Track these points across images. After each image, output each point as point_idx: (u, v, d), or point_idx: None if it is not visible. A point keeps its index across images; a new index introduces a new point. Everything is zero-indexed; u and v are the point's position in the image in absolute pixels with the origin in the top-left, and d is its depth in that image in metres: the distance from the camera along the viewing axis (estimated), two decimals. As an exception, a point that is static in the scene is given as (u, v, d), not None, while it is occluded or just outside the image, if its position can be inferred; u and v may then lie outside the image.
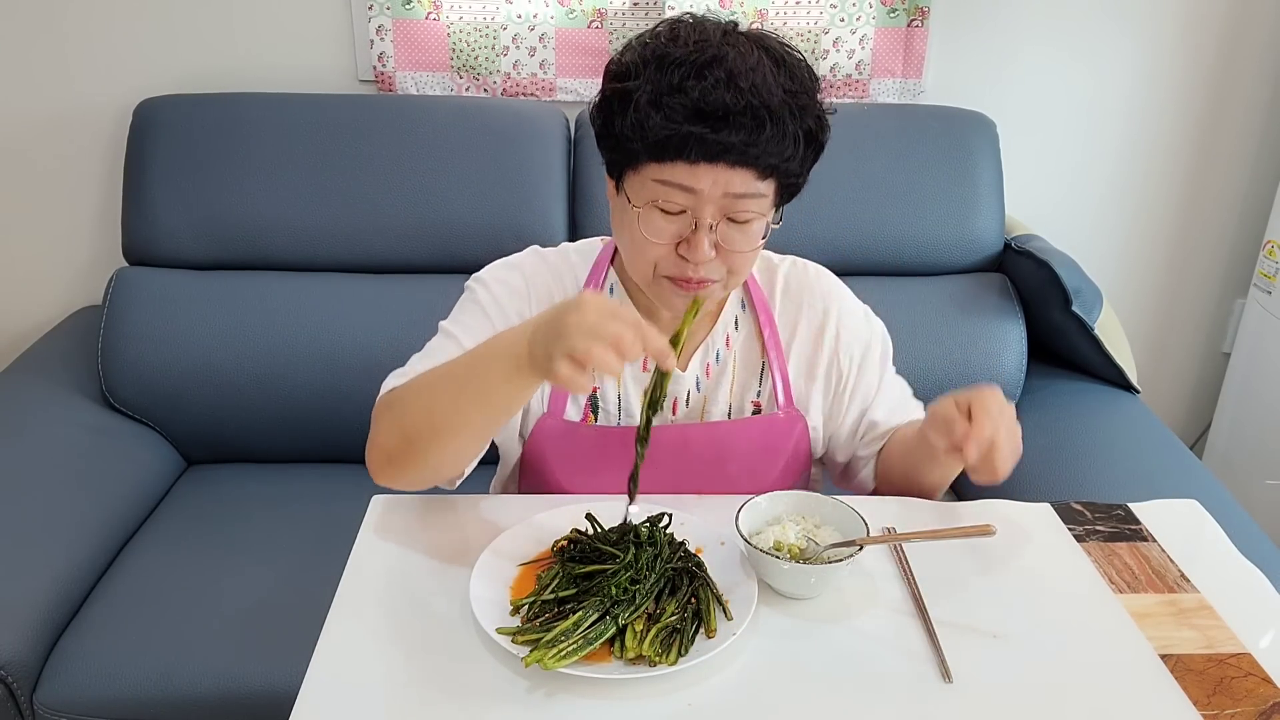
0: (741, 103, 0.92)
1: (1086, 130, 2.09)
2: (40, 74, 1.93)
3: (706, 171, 0.95)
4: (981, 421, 0.96)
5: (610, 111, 0.99)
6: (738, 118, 0.92)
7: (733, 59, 0.94)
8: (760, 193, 0.98)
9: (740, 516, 0.96)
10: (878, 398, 1.18)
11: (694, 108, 0.92)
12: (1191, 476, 1.54)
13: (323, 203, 1.79)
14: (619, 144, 0.99)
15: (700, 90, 0.92)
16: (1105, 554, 1.03)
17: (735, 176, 0.95)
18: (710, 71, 0.93)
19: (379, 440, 1.03)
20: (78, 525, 1.50)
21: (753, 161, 0.95)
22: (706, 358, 1.15)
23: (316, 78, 1.96)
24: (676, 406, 1.15)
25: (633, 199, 1.00)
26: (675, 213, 0.98)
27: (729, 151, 0.94)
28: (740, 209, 0.97)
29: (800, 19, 1.96)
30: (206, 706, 1.32)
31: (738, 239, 1.00)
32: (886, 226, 1.83)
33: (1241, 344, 2.18)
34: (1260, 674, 0.87)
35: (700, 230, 0.97)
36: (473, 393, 0.96)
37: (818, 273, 1.20)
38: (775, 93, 0.94)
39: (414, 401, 1.00)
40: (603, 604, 0.87)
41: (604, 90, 1.01)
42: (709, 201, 0.96)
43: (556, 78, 1.98)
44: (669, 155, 0.95)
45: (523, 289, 1.13)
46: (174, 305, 1.75)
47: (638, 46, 0.99)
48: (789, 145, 0.96)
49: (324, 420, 1.75)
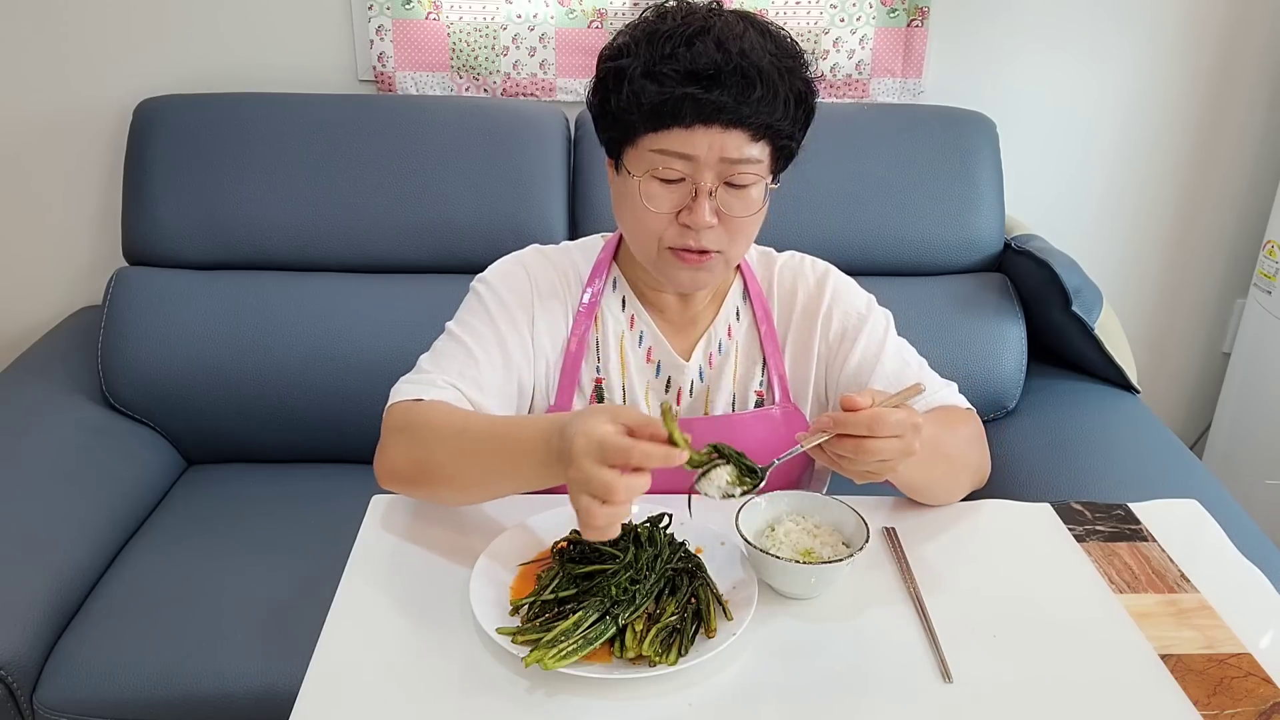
0: (731, 63, 0.96)
1: (1086, 130, 2.09)
2: (40, 74, 1.93)
3: (702, 135, 0.98)
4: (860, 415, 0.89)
5: (606, 90, 1.03)
6: (729, 77, 0.96)
7: (720, 28, 0.98)
8: (755, 157, 1.00)
9: (740, 516, 0.96)
10: (874, 374, 1.13)
11: (686, 70, 0.96)
12: (1191, 476, 1.54)
13: (323, 203, 1.79)
14: (616, 120, 1.02)
15: (691, 55, 0.96)
16: (1105, 554, 1.03)
17: (730, 140, 0.98)
18: (699, 39, 0.97)
19: (392, 457, 1.04)
20: (78, 525, 1.50)
21: (745, 121, 0.98)
22: (709, 347, 1.17)
23: (316, 78, 1.96)
24: (681, 396, 1.17)
25: (633, 171, 1.03)
26: (674, 180, 1.01)
27: (722, 111, 0.97)
28: (737, 173, 1.00)
29: (800, 19, 1.96)
30: (206, 706, 1.32)
31: (736, 204, 1.02)
32: (886, 226, 1.83)
33: (1241, 344, 2.18)
34: (1260, 674, 0.87)
35: (700, 196, 1.00)
36: (504, 473, 0.97)
37: (814, 262, 1.21)
38: (763, 56, 0.98)
39: (436, 445, 1.00)
40: (603, 604, 0.87)
41: (598, 72, 1.05)
42: (706, 167, 0.99)
43: (556, 78, 1.98)
44: (665, 121, 0.98)
45: (526, 285, 1.14)
46: (174, 305, 1.75)
47: (628, 30, 1.03)
48: (779, 105, 0.99)
49: (324, 420, 1.76)
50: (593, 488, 0.80)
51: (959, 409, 1.15)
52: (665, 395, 1.17)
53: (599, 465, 0.80)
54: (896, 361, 1.15)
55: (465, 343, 1.10)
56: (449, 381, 1.07)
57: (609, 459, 0.80)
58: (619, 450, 0.80)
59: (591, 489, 0.80)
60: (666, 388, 1.16)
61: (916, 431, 0.91)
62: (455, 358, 1.09)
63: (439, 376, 1.07)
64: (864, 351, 1.14)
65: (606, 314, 1.16)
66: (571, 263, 1.18)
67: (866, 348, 1.14)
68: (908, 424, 0.90)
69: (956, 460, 1.09)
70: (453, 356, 1.10)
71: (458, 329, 1.12)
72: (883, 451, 0.89)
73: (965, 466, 1.11)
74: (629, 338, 1.16)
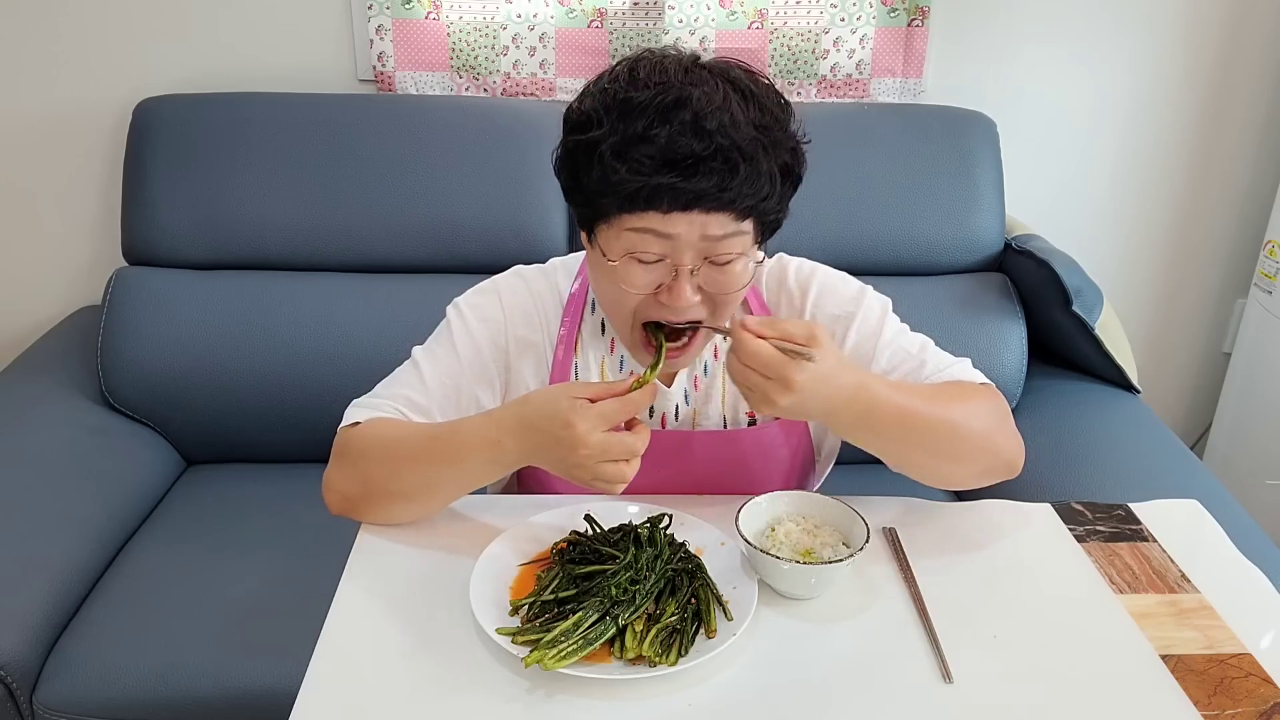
0: (711, 147, 0.88)
1: (1086, 130, 2.09)
2: (40, 74, 1.93)
3: (681, 218, 0.91)
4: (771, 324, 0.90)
5: (575, 165, 0.95)
6: (708, 163, 0.88)
7: (697, 99, 0.89)
8: (740, 231, 0.94)
9: (740, 516, 0.96)
10: (872, 366, 1.09)
11: (662, 157, 0.89)
12: (1192, 476, 1.54)
13: (323, 203, 1.79)
14: (588, 199, 0.95)
15: (667, 137, 0.88)
16: (1106, 554, 1.03)
17: (712, 220, 0.92)
18: (675, 115, 0.89)
19: (337, 483, 1.05)
20: (78, 525, 1.50)
21: (729, 205, 0.91)
22: (694, 371, 1.13)
23: (316, 77, 1.96)
24: (665, 421, 1.14)
25: (608, 253, 0.96)
26: (653, 261, 0.95)
27: (703, 198, 0.90)
28: (720, 250, 0.94)
29: (800, 19, 1.95)
30: (206, 706, 1.32)
31: (721, 281, 0.96)
32: (886, 226, 1.83)
33: (1242, 344, 2.18)
34: (1261, 674, 0.87)
35: (681, 276, 0.94)
36: (452, 474, 1.00)
37: (798, 265, 1.15)
38: (745, 130, 0.90)
39: (381, 462, 1.02)
40: (603, 604, 0.87)
41: (565, 143, 0.97)
42: (687, 247, 0.93)
43: (556, 78, 1.98)
44: (640, 206, 0.92)
45: (499, 318, 1.12)
46: (174, 305, 1.75)
47: (596, 93, 0.95)
48: (764, 184, 0.92)
49: (324, 420, 1.72)
50: (613, 452, 0.90)
51: (971, 384, 1.09)
52: (649, 420, 1.13)
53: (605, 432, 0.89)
54: (893, 352, 1.10)
55: (421, 369, 1.10)
56: (394, 406, 1.07)
57: (611, 424, 0.90)
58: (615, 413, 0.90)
59: (611, 453, 0.90)
60: (650, 413, 1.13)
61: (786, 388, 0.88)
62: (406, 383, 1.09)
63: (385, 401, 1.08)
64: (855, 347, 1.10)
65: (586, 339, 1.13)
66: (552, 286, 1.14)
67: (858, 344, 1.10)
68: (780, 370, 0.88)
69: (952, 436, 1.01)
70: (404, 382, 1.10)
71: (420, 356, 1.11)
72: (745, 380, 0.91)
73: (971, 444, 1.03)
74: (609, 363, 1.13)
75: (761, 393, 0.90)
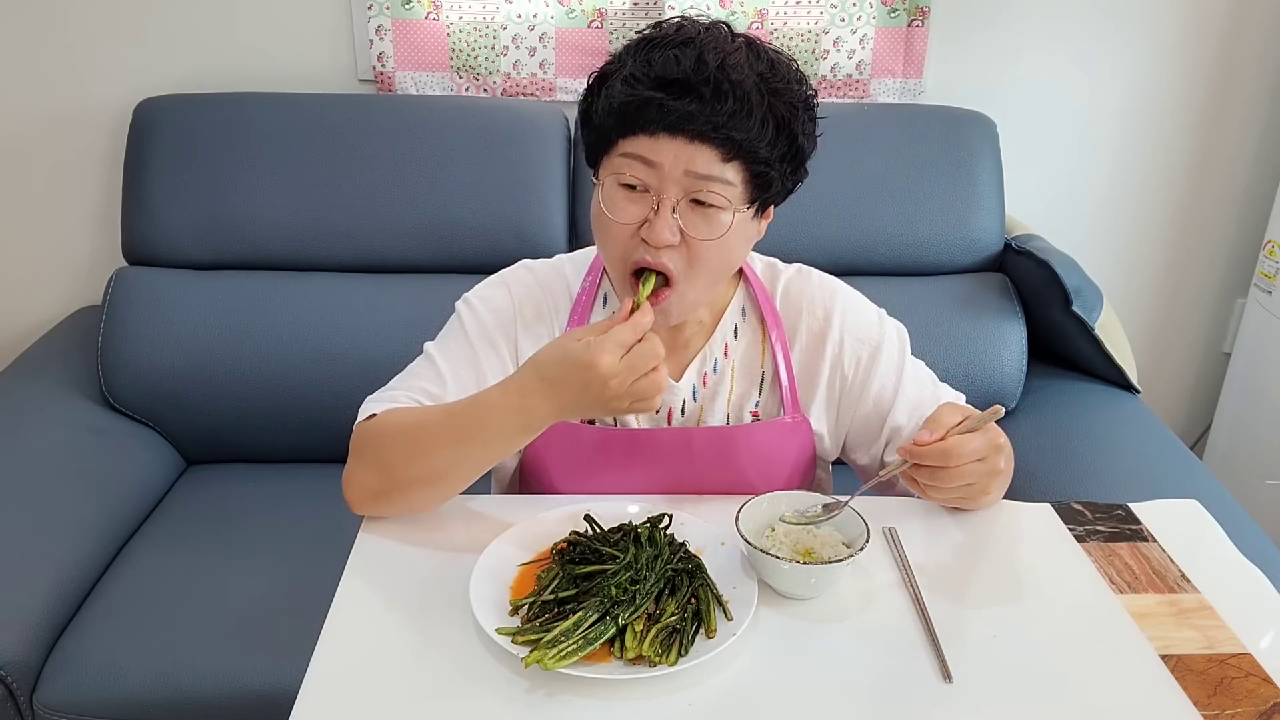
0: (704, 74, 0.92)
1: (1086, 130, 2.09)
2: (40, 74, 1.93)
3: (667, 144, 0.94)
4: (944, 444, 0.95)
5: (591, 96, 1.01)
6: (699, 87, 0.92)
7: (708, 41, 0.95)
8: (726, 179, 0.95)
9: (740, 516, 0.96)
10: (897, 402, 1.13)
11: (656, 75, 0.93)
12: (1192, 476, 1.54)
13: (323, 203, 1.79)
14: (593, 124, 1.00)
15: (663, 60, 0.93)
16: (1105, 554, 1.03)
17: (698, 154, 0.94)
18: (684, 49, 0.94)
19: (360, 477, 1.03)
20: (78, 525, 1.50)
21: (713, 134, 0.93)
22: (704, 368, 1.14)
23: (316, 77, 1.96)
24: (671, 416, 1.14)
25: (602, 177, 1.00)
26: (638, 189, 0.97)
27: (688, 120, 0.93)
28: (704, 189, 0.95)
29: (800, 19, 1.96)
30: (206, 706, 1.32)
31: (700, 225, 0.97)
32: (886, 226, 1.83)
33: (1242, 344, 2.18)
34: (1261, 674, 0.87)
35: (662, 209, 0.96)
36: (478, 450, 0.99)
37: (820, 279, 1.17)
38: (745, 72, 0.93)
39: (402, 448, 1.01)
40: (603, 604, 0.87)
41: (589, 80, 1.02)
42: (670, 180, 0.95)
43: (556, 78, 1.98)
44: (631, 125, 0.95)
45: (509, 309, 1.13)
46: (174, 305, 1.75)
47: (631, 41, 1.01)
48: (754, 125, 0.93)
49: (324, 420, 1.75)
50: (639, 365, 0.91)
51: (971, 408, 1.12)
52: (655, 416, 1.14)
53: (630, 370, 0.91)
54: (916, 386, 1.15)
55: (436, 362, 1.10)
56: (411, 396, 1.07)
57: (626, 348, 0.91)
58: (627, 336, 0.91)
59: (638, 368, 0.91)
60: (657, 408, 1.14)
61: (999, 452, 0.96)
62: (422, 375, 1.09)
63: (401, 393, 1.08)
64: (882, 380, 1.13)
65: None
66: (561, 278, 1.15)
67: (885, 375, 1.14)
68: (989, 446, 0.95)
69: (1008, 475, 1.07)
70: (419, 374, 1.10)
71: (434, 351, 1.12)
72: (965, 476, 0.95)
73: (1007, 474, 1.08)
74: None
75: (989, 468, 0.98)
